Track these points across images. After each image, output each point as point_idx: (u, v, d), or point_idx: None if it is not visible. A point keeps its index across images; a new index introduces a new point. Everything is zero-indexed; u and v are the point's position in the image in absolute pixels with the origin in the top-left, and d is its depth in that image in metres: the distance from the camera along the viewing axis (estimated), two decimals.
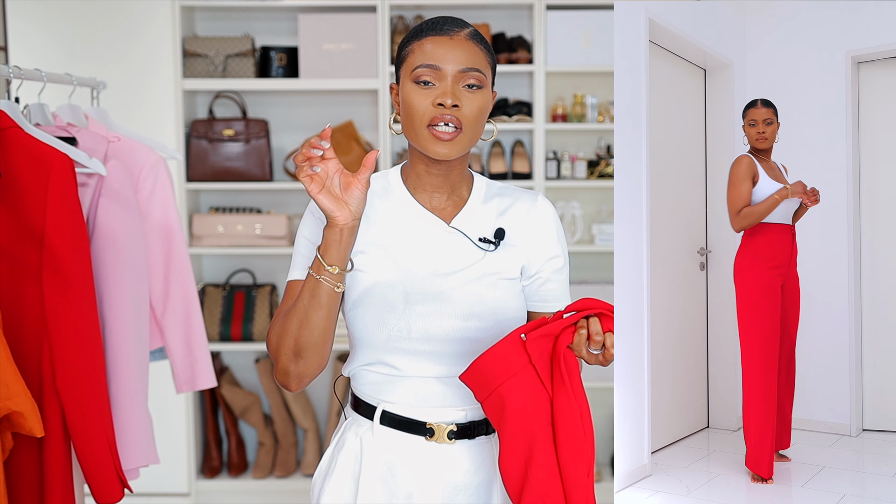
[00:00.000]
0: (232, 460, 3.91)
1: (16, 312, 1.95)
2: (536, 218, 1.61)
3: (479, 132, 1.53)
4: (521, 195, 1.64)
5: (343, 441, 1.60)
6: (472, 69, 1.50)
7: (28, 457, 1.97)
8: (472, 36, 1.53)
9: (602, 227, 3.86)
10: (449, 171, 1.57)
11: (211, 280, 4.00)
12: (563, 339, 1.42)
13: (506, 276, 1.57)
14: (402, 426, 1.56)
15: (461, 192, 1.61)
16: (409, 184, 1.60)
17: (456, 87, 1.49)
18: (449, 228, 1.58)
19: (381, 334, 1.53)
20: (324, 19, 3.70)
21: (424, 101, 1.49)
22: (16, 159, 1.95)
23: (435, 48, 1.50)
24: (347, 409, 1.65)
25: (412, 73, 1.51)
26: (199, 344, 2.51)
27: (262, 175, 3.78)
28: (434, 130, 1.49)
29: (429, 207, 1.59)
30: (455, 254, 1.56)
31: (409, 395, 1.56)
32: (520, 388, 1.43)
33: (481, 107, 1.51)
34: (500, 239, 1.58)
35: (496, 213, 1.60)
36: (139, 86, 3.74)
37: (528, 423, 1.44)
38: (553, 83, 3.89)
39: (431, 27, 1.53)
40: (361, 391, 1.60)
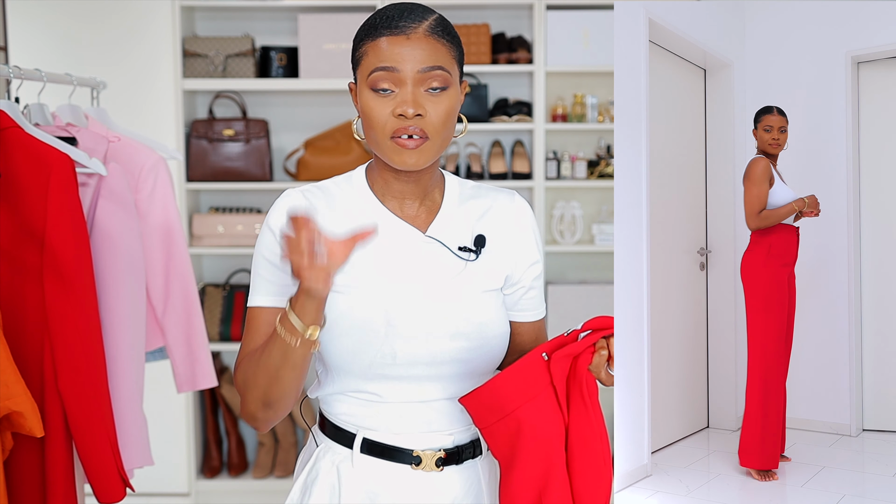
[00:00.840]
0: (232, 460, 3.91)
1: (16, 312, 1.95)
2: (517, 221, 1.49)
3: (449, 136, 1.39)
4: (498, 195, 1.50)
5: (317, 471, 1.45)
6: (435, 68, 1.35)
7: (29, 457, 1.97)
8: (431, 30, 1.36)
9: (602, 227, 3.86)
10: (419, 178, 1.43)
11: (211, 280, 4.00)
12: (583, 359, 1.34)
13: (489, 288, 1.45)
14: (385, 454, 1.42)
15: (434, 196, 1.46)
16: (376, 190, 1.45)
17: (417, 91, 1.34)
18: (426, 238, 1.43)
19: (363, 361, 1.39)
20: (324, 19, 3.70)
21: (384, 111, 1.35)
22: (16, 159, 1.95)
23: (391, 48, 1.34)
24: (317, 432, 1.50)
25: (368, 79, 1.36)
26: (199, 343, 2.51)
27: (262, 175, 3.78)
28: (398, 141, 1.35)
29: (401, 216, 1.44)
30: (435, 266, 1.42)
31: (392, 421, 1.42)
32: (540, 410, 1.34)
33: (448, 110, 1.36)
34: (480, 246, 1.44)
35: (474, 217, 1.47)
36: (139, 86, 3.74)
37: (547, 448, 1.35)
38: (553, 83, 3.89)
39: (386, 23, 1.36)
40: (337, 417, 1.45)
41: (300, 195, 1.43)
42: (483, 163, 3.94)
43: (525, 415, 1.33)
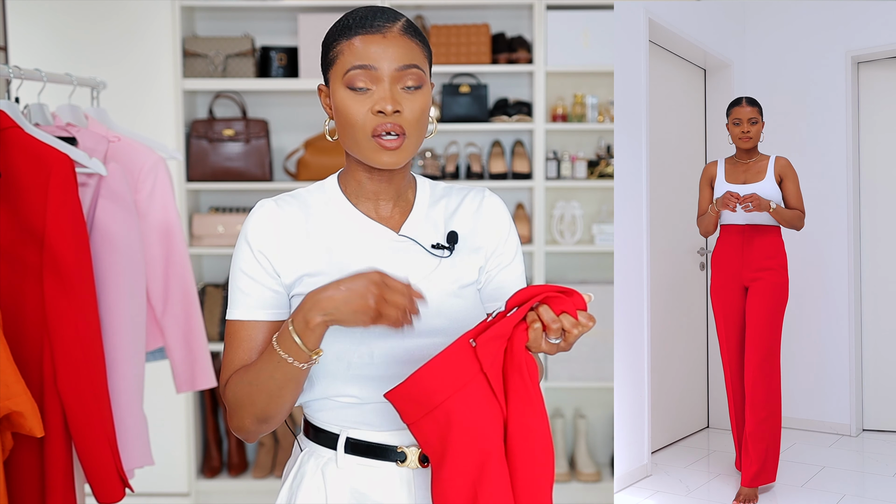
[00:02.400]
0: (232, 460, 3.91)
1: (16, 312, 1.95)
2: (486, 214, 1.51)
3: (423, 134, 1.42)
4: (468, 193, 1.53)
5: (302, 475, 1.46)
6: (410, 66, 1.38)
7: (29, 457, 1.98)
8: (405, 30, 1.40)
9: (602, 227, 3.86)
10: (392, 177, 1.46)
11: (211, 280, 4.00)
12: (516, 339, 1.26)
13: (464, 283, 1.46)
14: (370, 453, 1.43)
15: (407, 196, 1.50)
16: (349, 193, 1.48)
17: (394, 88, 1.38)
18: (399, 237, 1.46)
19: (340, 364, 1.40)
20: (324, 19, 3.70)
21: (362, 109, 1.37)
22: (16, 159, 1.95)
23: (367, 47, 1.37)
24: (302, 438, 1.51)
25: (344, 77, 1.39)
26: (198, 344, 2.51)
27: (262, 175, 3.78)
28: (379, 141, 1.38)
29: (375, 217, 1.47)
30: (408, 264, 1.44)
31: (374, 419, 1.43)
32: (470, 400, 1.26)
33: (423, 107, 1.40)
34: (453, 243, 1.47)
35: (445, 216, 1.50)
36: (139, 86, 3.74)
37: (480, 440, 1.27)
38: (553, 83, 3.89)
39: (360, 23, 1.39)
40: (318, 419, 1.47)
41: (273, 204, 1.45)
42: (483, 163, 3.94)
43: (454, 406, 1.26)
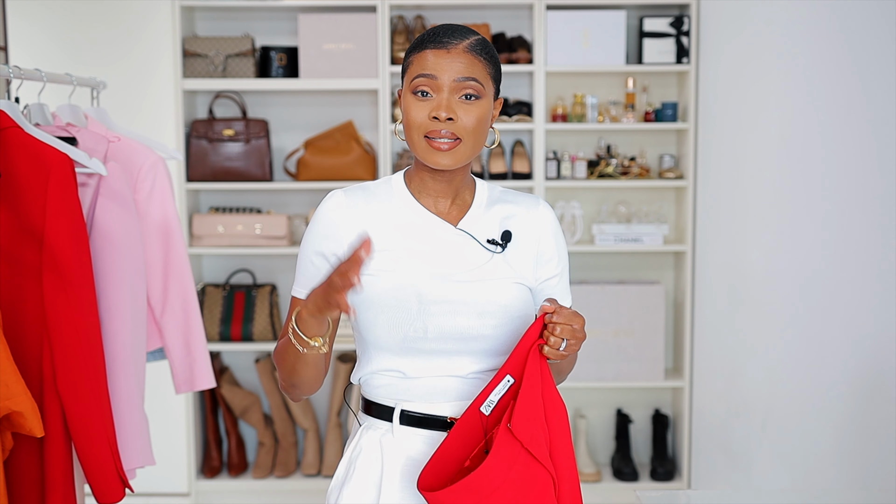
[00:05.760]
0: (232, 460, 3.91)
1: (16, 312, 1.95)
2: (538, 225, 1.64)
3: (482, 141, 1.56)
4: (523, 201, 1.67)
5: (360, 447, 1.60)
6: (469, 79, 1.53)
7: (29, 457, 1.98)
8: (471, 48, 1.55)
9: (602, 227, 3.86)
10: (452, 178, 1.60)
11: (211, 280, 4.00)
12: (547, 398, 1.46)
13: (514, 280, 1.60)
14: (422, 423, 1.57)
15: (465, 196, 1.64)
16: (412, 188, 1.63)
17: (452, 98, 1.53)
18: (457, 231, 1.60)
19: (397, 336, 1.54)
20: (324, 19, 3.70)
21: (421, 113, 1.53)
22: (16, 159, 1.95)
23: (433, 59, 1.54)
24: (361, 415, 1.65)
25: (411, 84, 1.55)
26: (197, 344, 2.51)
27: (262, 175, 3.78)
28: (431, 141, 1.53)
29: (434, 212, 1.61)
30: (464, 255, 1.58)
31: (426, 392, 1.57)
32: (520, 481, 1.44)
33: (479, 117, 1.54)
34: (507, 241, 1.60)
35: (500, 217, 1.63)
36: (139, 86, 3.74)
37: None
38: (553, 83, 3.89)
39: (432, 38, 1.56)
40: (376, 394, 1.61)
41: (342, 194, 1.60)
42: (483, 163, 3.94)
43: (508, 490, 1.42)
